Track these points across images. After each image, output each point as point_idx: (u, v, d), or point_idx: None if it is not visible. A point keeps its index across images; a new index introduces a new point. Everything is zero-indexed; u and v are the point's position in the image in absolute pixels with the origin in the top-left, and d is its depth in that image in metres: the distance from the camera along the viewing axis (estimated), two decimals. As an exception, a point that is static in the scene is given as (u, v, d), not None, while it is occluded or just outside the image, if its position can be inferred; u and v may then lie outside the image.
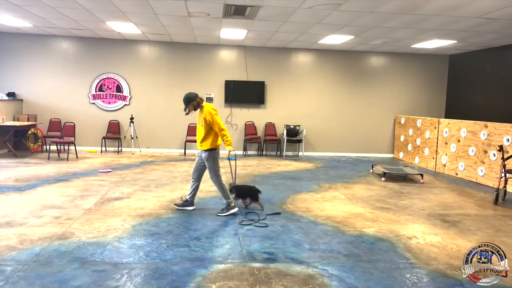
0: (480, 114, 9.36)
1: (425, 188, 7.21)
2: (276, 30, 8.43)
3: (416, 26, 7.54)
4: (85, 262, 3.50)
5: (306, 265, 3.63)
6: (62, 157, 9.09)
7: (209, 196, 6.03)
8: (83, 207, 5.19)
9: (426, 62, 11.28)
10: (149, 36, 9.76)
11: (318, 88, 11.10)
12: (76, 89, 10.32)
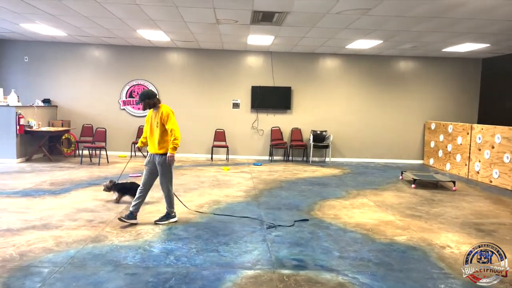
0: (516, 120, 9.03)
1: (458, 195, 7.01)
2: (303, 36, 8.42)
3: (447, 29, 7.37)
4: (118, 265, 3.58)
5: (336, 273, 3.58)
6: (93, 161, 9.35)
7: (237, 201, 6.06)
8: (115, 210, 5.31)
9: (458, 66, 11.00)
10: (178, 43, 9.95)
11: (345, 93, 11.00)
12: (107, 95, 10.63)
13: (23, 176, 7.40)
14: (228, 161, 10.33)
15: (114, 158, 10.09)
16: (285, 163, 10.43)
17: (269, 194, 6.63)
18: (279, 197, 6.45)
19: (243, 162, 10.24)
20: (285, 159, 10.91)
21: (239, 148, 10.96)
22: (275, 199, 6.35)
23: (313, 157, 10.89)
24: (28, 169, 8.14)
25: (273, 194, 6.65)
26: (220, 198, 6.21)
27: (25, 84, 10.35)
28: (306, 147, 10.81)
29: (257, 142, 11.02)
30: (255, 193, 6.67)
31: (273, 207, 5.81)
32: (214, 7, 6.38)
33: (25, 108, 9.17)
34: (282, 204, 5.99)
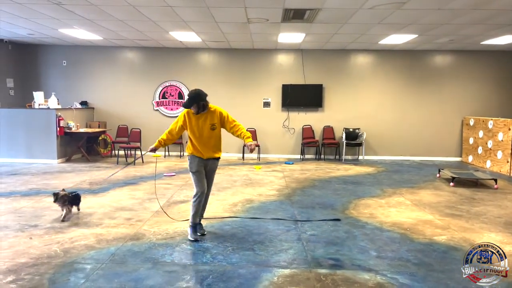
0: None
1: (500, 194, 6.72)
2: (335, 32, 8.31)
3: (487, 21, 7.07)
4: (157, 262, 3.66)
5: (375, 273, 3.52)
6: (129, 161, 9.60)
7: (270, 200, 6.06)
8: (151, 209, 5.43)
9: (497, 59, 10.54)
10: (209, 44, 10.05)
11: (378, 90, 10.78)
12: (141, 96, 10.88)
13: (64, 175, 7.69)
14: (259, 160, 10.35)
15: (148, 158, 10.31)
16: (317, 161, 10.34)
17: (302, 193, 6.59)
18: (312, 196, 6.40)
19: (274, 161, 10.23)
20: (317, 158, 10.81)
21: (270, 147, 10.96)
22: (309, 198, 6.30)
23: (346, 155, 10.73)
24: (68, 169, 8.46)
25: (306, 193, 6.60)
26: (253, 197, 6.23)
27: (63, 87, 10.76)
28: (339, 145, 10.67)
29: (288, 141, 10.98)
30: (288, 192, 6.64)
31: (306, 206, 5.77)
32: (245, 6, 6.39)
33: (64, 110, 9.53)
34: (316, 203, 5.94)
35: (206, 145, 4.37)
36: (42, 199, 5.85)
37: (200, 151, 4.34)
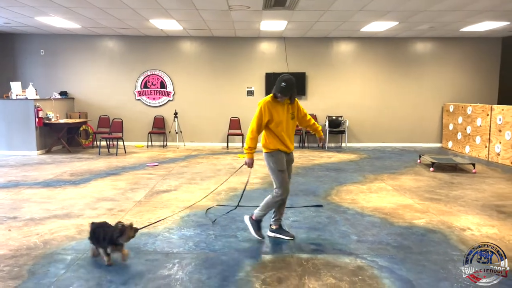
0: (538, 99, 8.78)
1: (478, 178, 6.88)
2: (317, 20, 8.30)
3: (466, 8, 7.16)
4: (139, 251, 3.65)
5: (355, 256, 3.58)
6: (111, 152, 9.49)
7: (254, 188, 6.08)
8: (133, 199, 5.40)
9: (477, 45, 10.70)
10: (190, 32, 9.93)
11: (361, 78, 10.85)
12: (122, 86, 10.72)
13: (43, 167, 7.57)
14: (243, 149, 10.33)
15: (131, 148, 10.22)
16: (301, 149, 10.40)
17: (286, 180, 6.62)
18: (296, 183, 6.44)
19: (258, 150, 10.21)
20: (300, 146, 10.87)
21: (254, 135, 10.93)
22: (292, 185, 6.21)
23: (329, 143, 10.82)
24: (48, 160, 8.32)
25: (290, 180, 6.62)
26: (237, 185, 6.24)
27: (42, 77, 10.52)
28: (322, 133, 10.72)
29: (272, 129, 10.96)
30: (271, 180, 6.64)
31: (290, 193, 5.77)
32: (226, -7, 6.32)
33: (43, 101, 9.34)
34: (299, 190, 5.99)
35: (290, 137, 3.94)
36: (21, 191, 5.75)
37: (286, 145, 3.88)
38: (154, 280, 3.10)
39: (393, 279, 3.14)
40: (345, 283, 3.07)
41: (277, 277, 3.16)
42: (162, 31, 9.72)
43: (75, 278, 3.13)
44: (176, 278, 3.14)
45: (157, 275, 3.18)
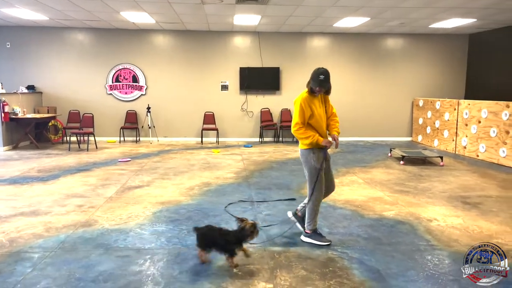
0: (502, 94, 9.12)
1: (445, 170, 7.11)
2: (290, 15, 8.33)
3: (434, 5, 7.34)
4: (109, 248, 3.59)
5: (326, 248, 3.64)
6: (82, 147, 9.26)
7: (227, 183, 6.08)
8: (104, 195, 5.30)
9: (445, 42, 11.00)
10: (163, 25, 9.78)
11: (333, 73, 10.82)
12: (93, 80, 10.46)
13: (10, 163, 7.31)
14: (218, 144, 10.32)
15: (103, 143, 10.00)
16: (276, 144, 10.45)
17: (260, 175, 6.66)
18: (269, 177, 6.48)
19: (233, 145, 10.24)
20: (275, 140, 10.92)
21: (229, 130, 10.94)
22: (266, 179, 6.38)
23: (303, 137, 10.89)
24: (15, 156, 8.04)
25: (264, 175, 6.67)
26: (211, 180, 6.22)
27: (8, 70, 10.13)
28: (296, 128, 10.79)
29: (247, 124, 11.00)
30: (245, 174, 6.69)
31: (263, 187, 5.84)
32: (198, -13, 6.25)
33: (9, 95, 9.00)
34: (272, 184, 6.02)
35: (325, 132, 3.82)
36: (-14, 189, 5.55)
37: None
38: (125, 276, 3.06)
39: (363, 270, 3.21)
40: (316, 275, 3.12)
41: (249, 270, 3.18)
42: (134, 24, 9.53)
43: (42, 277, 3.05)
44: (148, 274, 3.11)
45: (128, 272, 3.14)
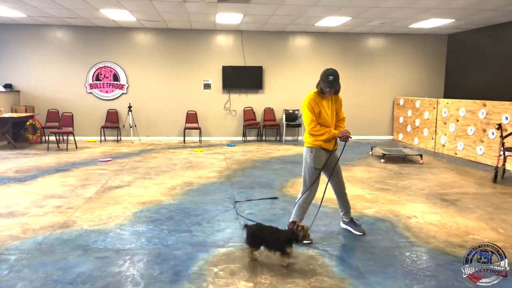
0: (479, 93, 9.33)
1: (425, 168, 7.23)
2: (273, 14, 8.34)
3: (414, 5, 7.45)
4: (88, 249, 3.54)
5: (307, 246, 3.66)
6: (61, 147, 9.10)
7: (210, 182, 6.05)
8: (84, 196, 5.21)
9: (425, 42, 11.19)
10: (144, 23, 9.67)
11: (316, 72, 10.93)
12: (72, 79, 10.27)
13: (-14, 164, 7.13)
14: (201, 143, 10.27)
15: (83, 143, 9.84)
16: (259, 143, 10.46)
17: (243, 174, 6.66)
18: (252, 176, 6.49)
19: (216, 144, 10.20)
20: (258, 139, 10.93)
21: (212, 129, 10.89)
22: (249, 178, 6.38)
23: (286, 136, 10.95)
24: (-9, 157, 7.85)
25: (247, 174, 6.67)
26: (193, 180, 6.18)
27: (-17, 69, 9.88)
28: (279, 127, 10.86)
29: (230, 123, 10.98)
30: (228, 174, 6.67)
31: (246, 186, 5.84)
32: (179, -16, 6.21)
33: (-15, 94, 8.78)
34: (255, 183, 6.03)
35: None
36: (-40, 190, 5.39)
37: (327, 143, 3.76)
38: (104, 278, 3.02)
39: (343, 267, 3.24)
40: (297, 273, 3.13)
41: (230, 270, 3.18)
42: (115, 21, 9.40)
43: (19, 279, 2.98)
44: (127, 275, 3.07)
45: (107, 273, 3.09)
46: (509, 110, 6.99)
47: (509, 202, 5.13)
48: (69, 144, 9.22)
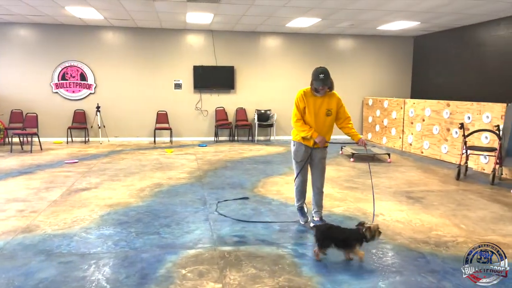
0: (444, 94, 9.66)
1: (392, 167, 7.41)
2: (243, 14, 8.34)
3: (381, 7, 7.62)
4: (51, 254, 3.43)
5: (277, 246, 3.68)
6: (25, 149, 8.78)
7: (180, 183, 5.99)
8: (48, 199, 5.05)
9: (392, 44, 11.47)
10: (112, 22, 9.46)
11: (287, 72, 11.12)
12: (37, 78, 9.93)
13: None
14: (172, 144, 10.15)
15: (48, 144, 9.54)
16: (231, 143, 10.44)
17: (214, 175, 6.62)
18: (223, 177, 6.46)
19: (187, 144, 10.11)
20: (230, 139, 10.91)
21: (183, 130, 10.79)
22: (220, 179, 6.35)
23: (258, 136, 10.98)
24: (-51, 160, 7.49)
25: (218, 174, 6.64)
26: (163, 181, 6.10)
27: None
28: (251, 127, 10.87)
29: (202, 123, 10.90)
30: (199, 174, 6.63)
31: (217, 187, 5.81)
32: (147, -17, 6.11)
33: None
34: (226, 184, 6.01)
35: (320, 132, 3.93)
36: None
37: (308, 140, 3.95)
38: (67, 283, 2.93)
39: (311, 266, 3.28)
40: (265, 273, 3.14)
41: (199, 271, 3.15)
42: (81, 20, 9.15)
43: (-25, 288, 2.86)
44: (92, 279, 3.00)
45: (71, 278, 3.01)
46: (471, 110, 7.27)
47: (471, 198, 5.33)
48: (34, 145, 8.91)
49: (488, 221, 4.42)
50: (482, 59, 8.93)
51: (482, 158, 6.97)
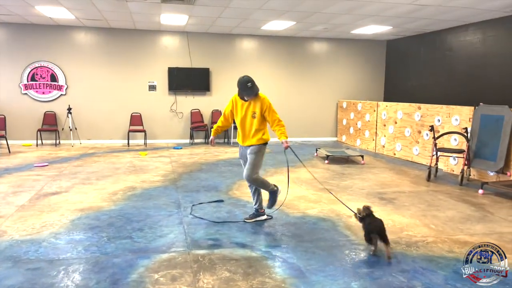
0: (415, 97, 9.90)
1: (366, 168, 7.54)
2: (218, 16, 8.32)
3: (354, 12, 7.76)
4: (18, 260, 3.31)
5: (250, 248, 3.68)
6: (-8, 152, 8.48)
7: (154, 186, 5.91)
8: (15, 203, 4.88)
9: (366, 47, 11.69)
10: (84, 22, 9.27)
11: (262, 74, 11.15)
12: (5, 79, 9.61)
13: None
14: (146, 146, 10.01)
15: (17, 147, 9.24)
16: (206, 145, 10.38)
17: (189, 177, 6.57)
18: (198, 180, 6.42)
19: (162, 147, 9.99)
20: (206, 142, 10.85)
21: (157, 132, 10.66)
22: (194, 181, 6.30)
23: (234, 139, 10.96)
24: None
25: (193, 177, 6.59)
26: (136, 184, 6.01)
27: None
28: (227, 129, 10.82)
29: (177, 125, 10.80)
30: (173, 177, 6.56)
31: (191, 190, 5.77)
32: (120, -17, 6.01)
33: None
34: (201, 186, 5.97)
35: (245, 132, 4.37)
36: None
37: (240, 138, 4.42)
38: (34, 291, 2.84)
39: (285, 268, 3.29)
40: (239, 275, 3.13)
41: (171, 276, 3.11)
42: (52, 19, 8.91)
43: None
44: (61, 286, 2.91)
45: (39, 285, 2.91)
46: (441, 113, 7.49)
47: (440, 199, 5.48)
48: (1, 148, 8.61)
49: (456, 221, 4.55)
50: (451, 63, 9.22)
51: (452, 159, 7.19)
